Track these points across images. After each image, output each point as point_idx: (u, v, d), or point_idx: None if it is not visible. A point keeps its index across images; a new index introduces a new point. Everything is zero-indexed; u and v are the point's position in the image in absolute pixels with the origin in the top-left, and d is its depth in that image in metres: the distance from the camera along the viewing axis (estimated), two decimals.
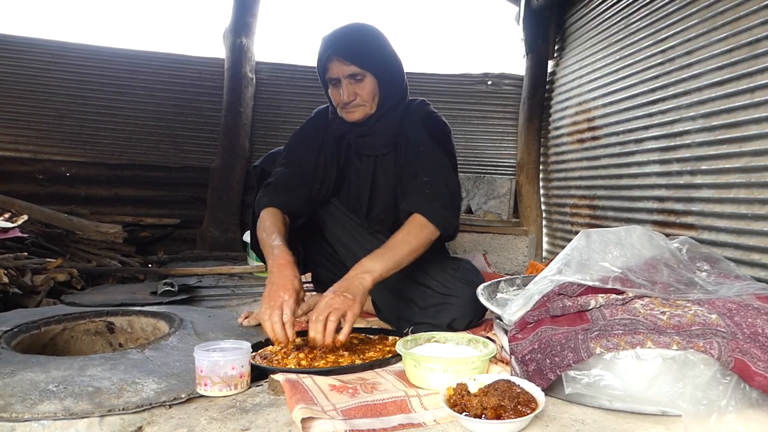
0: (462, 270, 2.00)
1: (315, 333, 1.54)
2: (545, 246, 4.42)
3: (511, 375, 1.37)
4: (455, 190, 1.97)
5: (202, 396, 1.36)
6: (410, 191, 1.92)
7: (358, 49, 1.90)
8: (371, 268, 1.68)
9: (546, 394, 1.24)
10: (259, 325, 2.02)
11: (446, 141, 2.04)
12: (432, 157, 1.96)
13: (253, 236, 2.25)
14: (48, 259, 2.72)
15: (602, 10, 3.63)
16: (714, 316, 1.29)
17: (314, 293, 2.24)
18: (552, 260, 1.62)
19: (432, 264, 2.00)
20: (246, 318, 2.04)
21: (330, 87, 1.97)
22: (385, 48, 1.98)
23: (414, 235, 1.78)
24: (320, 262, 2.30)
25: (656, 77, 2.99)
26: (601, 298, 1.40)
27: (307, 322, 1.76)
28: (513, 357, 1.39)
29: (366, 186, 2.08)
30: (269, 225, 1.87)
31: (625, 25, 3.33)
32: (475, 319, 1.95)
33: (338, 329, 1.58)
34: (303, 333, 1.85)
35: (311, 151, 2.06)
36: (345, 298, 1.58)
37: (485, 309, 1.98)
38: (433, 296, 1.93)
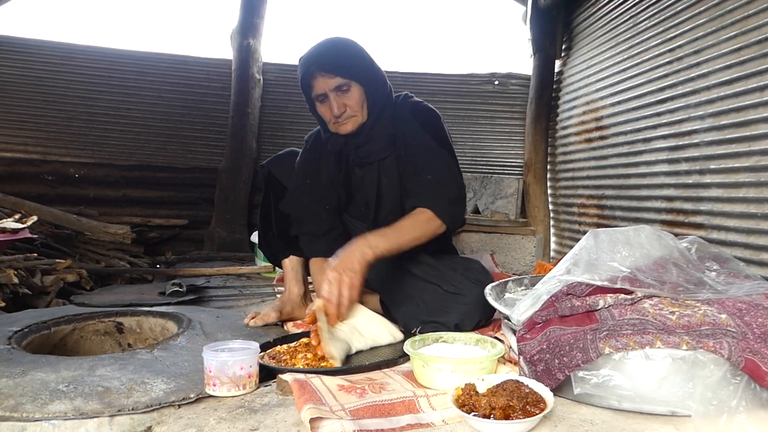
0: (471, 270, 2.02)
1: (328, 306, 1.64)
2: (553, 246, 4.41)
3: (520, 375, 1.37)
4: (460, 183, 2.00)
5: (210, 396, 1.36)
6: (415, 189, 1.95)
7: (339, 60, 1.90)
8: (375, 244, 1.74)
9: (555, 395, 1.24)
10: (266, 325, 2.03)
11: (439, 129, 2.03)
12: (432, 153, 1.97)
13: (261, 236, 2.25)
14: (57, 260, 2.74)
15: (609, 9, 3.61)
16: (724, 316, 1.28)
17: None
18: (560, 260, 1.62)
19: (442, 263, 2.02)
20: (252, 318, 2.05)
21: (318, 104, 1.96)
22: (364, 56, 1.98)
23: (420, 225, 1.85)
24: None
25: (664, 76, 2.98)
26: (609, 298, 1.39)
27: (310, 323, 1.80)
28: (521, 357, 1.39)
29: (372, 192, 2.08)
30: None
31: (633, 24, 3.31)
32: (483, 319, 1.95)
33: None
34: (308, 334, 1.86)
35: (319, 182, 2.08)
36: (349, 277, 1.67)
37: (494, 310, 1.98)
38: (442, 295, 1.94)
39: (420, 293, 1.97)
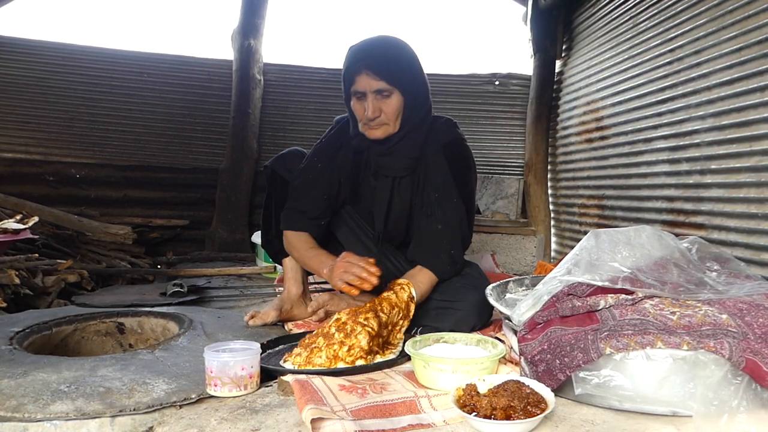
0: (467, 276, 2.01)
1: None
2: (554, 246, 4.41)
3: (521, 375, 1.37)
4: (467, 239, 2.01)
5: (212, 396, 1.37)
6: (422, 236, 1.96)
7: (389, 64, 1.84)
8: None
9: (556, 395, 1.24)
10: (266, 325, 2.03)
11: (465, 178, 1.99)
12: (449, 202, 1.94)
13: (264, 235, 2.25)
14: (59, 261, 2.74)
15: (610, 9, 3.61)
16: (725, 316, 1.28)
17: (320, 293, 2.25)
18: (561, 260, 1.62)
19: None
20: (252, 317, 2.05)
21: (354, 100, 1.90)
22: (414, 65, 1.93)
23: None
24: None
25: (665, 76, 2.98)
26: (610, 299, 1.39)
27: (318, 321, 1.83)
28: (522, 357, 1.39)
29: (382, 206, 2.04)
30: (300, 244, 2.02)
31: (633, 24, 3.31)
32: (479, 324, 1.94)
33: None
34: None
35: (330, 170, 2.04)
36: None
37: (490, 315, 1.99)
38: (438, 301, 1.94)
39: None
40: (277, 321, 2.06)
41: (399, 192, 2.02)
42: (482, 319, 1.95)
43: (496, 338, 1.63)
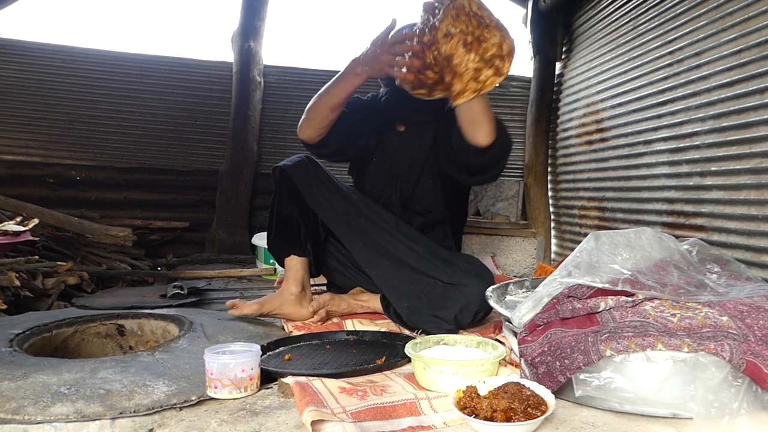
0: (470, 263, 2.08)
1: None
2: (554, 248, 4.41)
3: (521, 377, 1.37)
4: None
5: (212, 398, 1.37)
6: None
7: None
8: None
9: (556, 397, 1.24)
10: (265, 325, 2.03)
11: None
12: None
13: (268, 237, 2.26)
14: (59, 263, 2.74)
15: (610, 11, 3.62)
16: (725, 318, 1.28)
17: (321, 294, 2.25)
18: (561, 262, 1.62)
19: (440, 259, 2.05)
20: (234, 307, 2.06)
21: None
22: None
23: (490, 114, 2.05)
24: (333, 266, 2.33)
25: (665, 78, 2.98)
26: (611, 300, 1.39)
27: (319, 321, 1.83)
28: (523, 359, 1.39)
29: (405, 156, 2.23)
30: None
31: (634, 26, 3.32)
32: (482, 310, 1.96)
33: None
34: (313, 336, 1.87)
35: (360, 114, 2.23)
36: None
37: None
38: (442, 288, 1.97)
39: (420, 285, 2.00)
40: (257, 315, 2.09)
41: (422, 139, 2.23)
42: (485, 306, 1.95)
43: (497, 340, 1.63)
